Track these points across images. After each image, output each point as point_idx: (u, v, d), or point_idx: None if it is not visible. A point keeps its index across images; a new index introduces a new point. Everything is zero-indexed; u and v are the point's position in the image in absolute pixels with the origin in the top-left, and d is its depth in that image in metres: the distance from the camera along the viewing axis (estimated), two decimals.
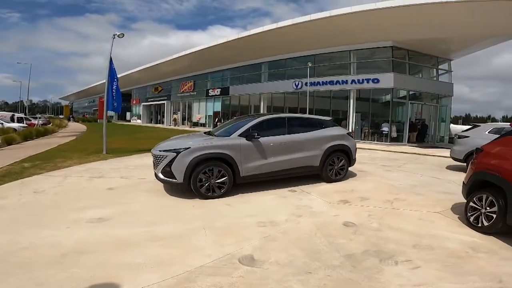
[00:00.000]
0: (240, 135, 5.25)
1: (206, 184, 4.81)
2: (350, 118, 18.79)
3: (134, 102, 49.13)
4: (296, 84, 21.09)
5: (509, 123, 4.49)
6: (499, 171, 3.66)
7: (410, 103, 18.13)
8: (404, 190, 5.75)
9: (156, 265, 2.70)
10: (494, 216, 3.61)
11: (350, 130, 18.17)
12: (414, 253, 3.06)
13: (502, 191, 3.56)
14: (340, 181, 6.28)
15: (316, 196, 5.18)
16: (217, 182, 4.89)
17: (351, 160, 6.51)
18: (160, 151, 5.03)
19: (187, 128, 30.96)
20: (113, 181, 5.91)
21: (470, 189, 4.16)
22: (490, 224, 3.68)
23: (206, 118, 31.47)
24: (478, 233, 3.71)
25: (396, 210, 4.49)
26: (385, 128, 17.50)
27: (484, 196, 3.86)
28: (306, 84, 19.64)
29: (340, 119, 19.80)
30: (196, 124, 32.26)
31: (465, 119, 64.52)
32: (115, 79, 10.16)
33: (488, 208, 3.74)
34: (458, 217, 4.21)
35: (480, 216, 3.84)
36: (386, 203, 4.85)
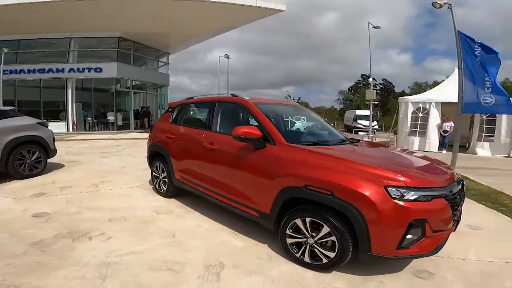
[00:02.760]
0: None
1: None
2: (69, 108, 17.13)
3: None
4: None
5: None
6: (160, 142, 4.38)
7: (134, 92, 19.26)
8: (113, 172, 6.14)
9: None
10: (167, 180, 4.28)
11: (71, 122, 16.72)
12: (109, 227, 3.33)
13: (165, 158, 4.29)
14: (39, 175, 5.70)
15: (1, 196, 4.44)
16: None
17: (49, 152, 6.01)
18: None
19: None
20: None
21: (150, 160, 4.79)
22: (167, 188, 4.34)
23: None
24: (164, 198, 4.36)
25: (99, 192, 4.73)
26: (111, 117, 17.66)
27: (158, 164, 4.46)
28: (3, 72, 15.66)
29: (57, 111, 17.62)
30: None
31: None
32: None
33: (163, 174, 4.36)
34: (152, 188, 4.86)
35: (160, 183, 4.44)
36: (91, 187, 4.99)
